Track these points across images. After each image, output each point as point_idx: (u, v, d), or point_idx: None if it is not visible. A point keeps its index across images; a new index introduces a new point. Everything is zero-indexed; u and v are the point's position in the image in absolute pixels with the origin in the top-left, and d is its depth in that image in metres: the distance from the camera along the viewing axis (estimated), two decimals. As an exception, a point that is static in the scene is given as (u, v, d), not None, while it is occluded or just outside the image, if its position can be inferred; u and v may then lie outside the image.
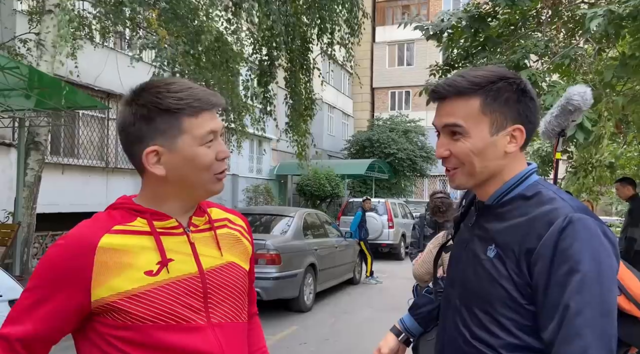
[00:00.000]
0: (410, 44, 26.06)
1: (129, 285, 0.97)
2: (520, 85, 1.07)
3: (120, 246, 0.99)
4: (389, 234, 12.96)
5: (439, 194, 4.12)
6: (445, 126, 1.07)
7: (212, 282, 1.06)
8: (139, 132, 1.01)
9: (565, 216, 0.97)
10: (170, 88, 1.01)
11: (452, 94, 1.06)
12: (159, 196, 1.06)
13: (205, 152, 1.03)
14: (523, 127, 1.06)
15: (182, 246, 1.05)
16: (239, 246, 1.17)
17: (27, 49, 7.20)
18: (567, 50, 4.95)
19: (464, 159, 1.07)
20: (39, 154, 6.58)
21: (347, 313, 7.07)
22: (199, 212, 1.11)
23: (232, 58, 8.95)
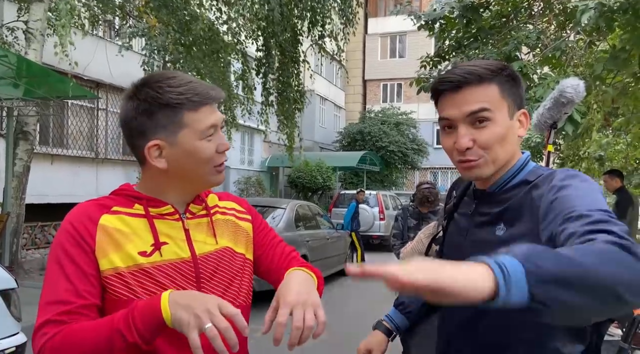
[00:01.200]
0: (403, 36, 26.02)
1: (124, 263, 1.01)
2: (514, 72, 1.10)
3: (118, 225, 1.03)
4: (380, 226, 13.02)
5: (426, 185, 4.15)
6: (471, 114, 1.04)
7: (204, 267, 1.08)
8: (141, 126, 1.04)
9: (564, 172, 1.02)
10: (171, 83, 1.03)
11: (474, 80, 1.04)
12: (159, 186, 1.09)
13: (205, 145, 1.05)
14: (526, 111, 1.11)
15: (176, 231, 1.08)
16: (236, 230, 1.19)
17: (15, 37, 7.10)
18: (558, 43, 4.98)
19: (490, 146, 1.05)
20: (27, 144, 6.51)
21: (339, 304, 7.11)
22: (197, 201, 1.14)
23: (222, 48, 8.88)
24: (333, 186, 17.75)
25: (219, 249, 1.12)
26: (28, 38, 6.20)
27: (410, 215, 4.38)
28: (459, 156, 1.07)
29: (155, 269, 1.02)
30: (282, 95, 10.08)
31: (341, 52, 10.57)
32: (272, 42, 9.26)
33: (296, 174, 16.71)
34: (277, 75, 10.00)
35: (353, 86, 27.09)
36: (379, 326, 1.44)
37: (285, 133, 10.44)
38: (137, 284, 1.00)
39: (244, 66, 9.86)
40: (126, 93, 1.07)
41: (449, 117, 1.07)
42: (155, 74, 1.12)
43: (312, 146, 20.64)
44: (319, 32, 9.82)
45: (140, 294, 1.00)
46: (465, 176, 1.11)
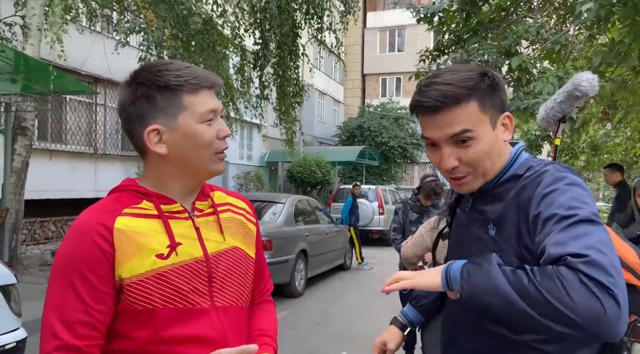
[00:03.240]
0: (402, 30, 25.94)
1: (142, 268, 0.99)
2: (493, 76, 1.07)
3: (134, 228, 1.01)
4: (380, 221, 13.03)
5: (431, 177, 4.13)
6: (453, 136, 1.03)
7: (216, 266, 1.08)
8: (139, 111, 1.02)
9: (552, 175, 1.01)
10: (169, 67, 1.03)
11: (450, 103, 1.02)
12: (161, 177, 1.07)
13: (205, 129, 1.03)
14: (509, 112, 1.10)
15: (188, 230, 1.06)
16: (243, 230, 1.18)
17: (12, 32, 7.06)
18: (558, 37, 4.96)
19: (477, 163, 1.05)
20: (26, 139, 6.49)
21: (338, 298, 7.14)
22: (202, 196, 1.12)
23: (219, 42, 8.85)
24: (332, 181, 17.75)
25: (229, 249, 1.11)
26: (25, 33, 6.18)
27: (411, 208, 4.35)
28: (448, 174, 1.08)
29: (172, 271, 1.01)
30: (281, 89, 10.06)
31: (340, 45, 10.52)
32: (270, 36, 9.22)
33: (295, 169, 16.70)
34: (275, 69, 9.97)
35: (352, 81, 27.04)
36: (394, 321, 1.47)
37: (285, 128, 10.41)
38: (156, 291, 0.99)
39: (242, 60, 9.82)
40: (124, 81, 1.05)
41: (430, 137, 1.06)
42: (152, 61, 1.13)
43: (311, 140, 20.62)
44: (317, 24, 9.77)
45: (158, 302, 0.98)
46: (458, 191, 1.12)
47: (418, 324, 1.47)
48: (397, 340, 1.40)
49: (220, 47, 9.02)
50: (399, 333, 1.42)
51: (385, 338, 1.40)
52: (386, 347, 1.38)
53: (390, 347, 1.38)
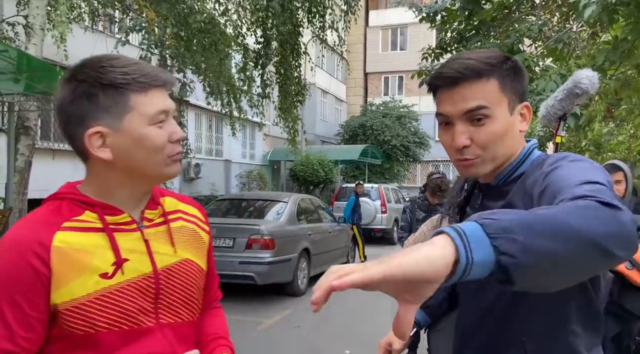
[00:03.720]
0: (404, 29, 25.90)
1: (84, 290, 0.89)
2: (517, 64, 1.06)
3: (74, 244, 0.91)
4: (382, 219, 13.03)
5: (437, 175, 4.13)
6: (467, 112, 0.99)
7: (165, 282, 1.00)
8: (79, 110, 0.92)
9: (553, 156, 0.98)
10: (115, 63, 0.93)
11: (471, 76, 0.98)
12: (106, 184, 0.97)
13: (156, 132, 0.94)
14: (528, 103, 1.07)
15: (136, 243, 0.97)
16: (195, 239, 1.09)
17: (15, 32, 7.08)
18: (561, 35, 4.95)
19: (488, 145, 1.01)
20: (29, 139, 6.51)
21: (341, 297, 7.11)
22: (152, 204, 1.03)
23: (221, 40, 8.84)
24: (335, 180, 17.75)
25: (179, 262, 1.03)
26: (28, 33, 6.19)
27: (419, 207, 4.35)
28: (457, 154, 1.04)
29: (117, 292, 0.92)
30: (283, 88, 10.05)
31: (343, 43, 10.50)
32: (272, 34, 9.21)
33: (298, 168, 16.71)
34: (277, 68, 9.97)
35: (354, 79, 27.02)
36: None
37: (287, 126, 10.41)
38: (99, 314, 0.90)
39: (243, 59, 9.82)
40: (63, 77, 0.95)
41: (445, 113, 1.03)
42: (96, 55, 0.98)
43: (313, 139, 20.62)
44: (319, 23, 9.76)
45: (101, 326, 0.90)
46: (463, 174, 1.08)
47: (424, 325, 1.46)
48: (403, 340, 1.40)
49: (223, 46, 9.01)
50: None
51: (391, 338, 1.38)
52: (391, 347, 1.38)
53: (396, 347, 1.37)
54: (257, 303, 6.52)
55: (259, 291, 6.82)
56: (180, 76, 9.08)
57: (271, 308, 6.31)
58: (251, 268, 6.34)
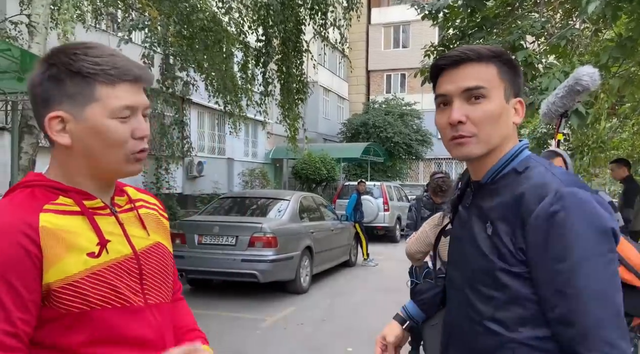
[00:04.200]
0: (406, 26, 25.85)
1: (75, 268, 0.91)
2: (514, 61, 1.12)
3: (59, 225, 0.92)
4: (385, 217, 13.03)
5: (439, 174, 4.12)
6: (466, 90, 1.06)
7: (145, 263, 1.03)
8: (45, 93, 0.93)
9: (555, 192, 0.97)
10: (89, 52, 0.94)
11: (473, 58, 1.06)
12: (68, 170, 0.98)
13: (116, 126, 0.94)
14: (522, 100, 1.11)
15: (113, 227, 1.00)
16: (159, 224, 1.14)
17: (18, 31, 7.10)
18: (564, 32, 4.93)
19: (483, 123, 1.05)
20: (32, 137, 6.52)
21: (343, 295, 7.15)
22: (118, 192, 1.06)
23: (225, 38, 8.84)
24: (337, 178, 17.76)
25: (153, 244, 1.07)
26: (31, 32, 6.21)
27: (424, 206, 4.36)
28: (452, 132, 1.08)
29: (106, 270, 0.94)
30: (284, 86, 10.04)
31: (345, 40, 10.47)
32: (273, 32, 9.20)
33: (300, 166, 16.72)
34: (279, 66, 9.96)
35: (356, 77, 26.99)
36: (396, 316, 1.48)
37: (288, 124, 10.40)
38: (91, 291, 0.91)
39: (245, 57, 9.81)
40: (39, 59, 0.98)
41: (445, 92, 1.09)
42: (76, 42, 1.01)
43: (315, 137, 20.62)
44: (321, 20, 9.74)
45: (95, 302, 0.91)
46: (455, 154, 1.10)
47: (419, 320, 1.47)
48: (396, 333, 1.42)
49: (227, 44, 9.00)
50: (398, 327, 1.43)
51: (385, 332, 1.42)
52: (386, 341, 1.40)
53: (389, 340, 1.40)
54: (259, 301, 6.53)
55: (261, 288, 6.84)
56: (183, 75, 9.09)
57: (274, 305, 6.32)
58: (254, 265, 6.35)
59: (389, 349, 1.39)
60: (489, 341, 1.05)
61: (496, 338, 1.03)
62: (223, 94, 9.48)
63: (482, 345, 1.06)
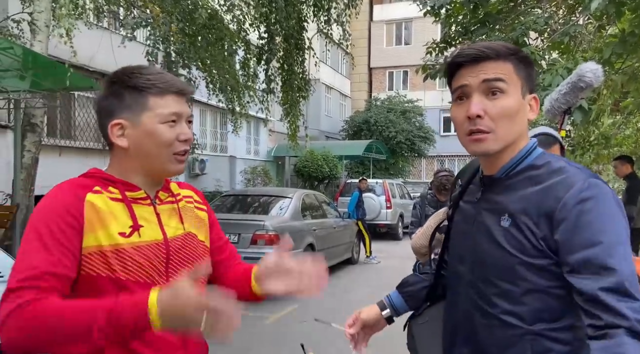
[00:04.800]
0: (408, 23, 25.78)
1: (105, 241, 1.06)
2: (528, 57, 1.12)
3: (101, 205, 1.09)
4: (387, 215, 13.02)
5: (443, 172, 4.12)
6: (485, 81, 1.06)
7: (174, 249, 1.17)
8: (109, 106, 1.14)
9: (584, 180, 1.00)
10: (143, 71, 1.15)
11: (492, 55, 1.07)
12: (124, 169, 1.16)
13: (165, 129, 1.13)
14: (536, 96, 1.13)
15: (149, 215, 1.16)
16: (195, 217, 1.28)
17: (20, 29, 7.10)
18: (567, 28, 4.90)
19: (500, 119, 1.06)
20: (35, 135, 6.53)
21: (346, 292, 7.15)
22: (165, 188, 1.23)
23: (227, 36, 8.83)
24: (339, 175, 17.74)
25: (185, 234, 1.21)
26: (33, 30, 6.21)
27: (429, 203, 4.36)
28: (469, 126, 1.07)
29: (133, 249, 1.08)
30: (286, 83, 10.03)
31: (348, 36, 10.44)
32: (276, 29, 9.18)
33: (302, 164, 16.71)
34: (281, 63, 9.93)
35: (358, 74, 26.94)
36: (379, 302, 1.50)
37: (289, 122, 10.39)
38: (117, 263, 1.06)
39: (246, 54, 9.79)
40: (106, 78, 1.18)
41: (465, 83, 1.09)
42: (133, 65, 1.21)
43: (317, 135, 20.60)
44: (324, 17, 9.72)
45: (119, 273, 1.06)
46: (473, 150, 1.09)
47: (400, 311, 1.46)
48: (371, 314, 1.44)
49: (229, 42, 8.99)
50: (376, 310, 1.45)
51: (362, 309, 1.46)
52: (359, 315, 1.44)
53: (361, 316, 1.43)
54: (262, 298, 6.53)
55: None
56: (185, 72, 9.09)
57: (277, 303, 6.33)
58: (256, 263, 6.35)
59: (356, 324, 1.43)
60: (505, 333, 1.04)
61: (513, 331, 1.03)
62: (225, 92, 9.47)
63: (497, 338, 1.06)
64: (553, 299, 1.00)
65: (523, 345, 1.02)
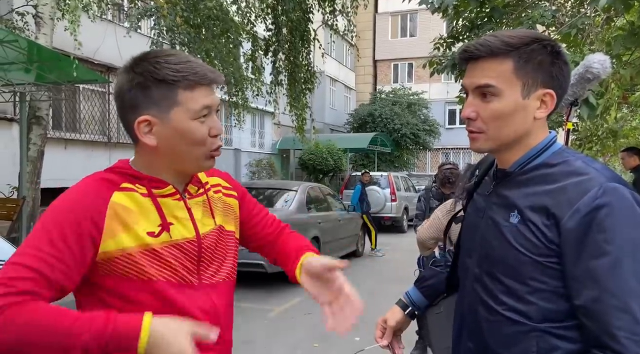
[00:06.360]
0: (414, 15, 25.59)
1: (133, 243, 1.00)
2: (555, 47, 1.04)
3: (128, 204, 1.02)
4: (392, 208, 13.01)
5: (448, 165, 4.10)
6: (478, 87, 1.05)
7: (206, 246, 1.11)
8: (134, 100, 1.02)
9: (600, 186, 0.95)
10: (169, 59, 1.02)
11: (485, 54, 1.03)
12: (152, 165, 1.08)
13: (197, 126, 1.03)
14: (554, 92, 1.04)
15: (180, 211, 1.08)
16: (225, 207, 1.21)
17: (25, 22, 7.10)
18: (574, 20, 4.84)
19: (492, 122, 1.04)
20: (41, 128, 6.56)
21: (351, 284, 7.16)
22: (195, 181, 1.15)
23: (232, 28, 8.80)
24: (344, 168, 17.73)
25: (216, 228, 1.15)
26: (38, 23, 6.21)
27: (434, 196, 4.36)
28: (466, 125, 1.10)
29: (163, 249, 1.03)
30: (292, 75, 9.99)
31: (353, 26, 10.38)
32: (282, 21, 9.14)
33: (307, 156, 16.70)
34: (286, 55, 9.90)
35: (363, 67, 26.82)
36: (398, 301, 1.49)
37: (295, 114, 10.36)
38: (148, 264, 1.01)
39: (253, 47, 9.76)
40: (124, 65, 1.05)
41: (463, 85, 1.10)
42: (154, 50, 1.12)
43: (322, 128, 20.57)
44: (329, 7, 9.66)
45: (150, 273, 1.01)
46: (471, 146, 1.11)
47: (421, 306, 1.46)
48: (397, 318, 1.42)
49: (235, 35, 8.95)
50: (400, 312, 1.44)
51: (386, 316, 1.43)
52: (386, 324, 1.41)
53: (390, 324, 1.41)
54: (267, 291, 6.57)
55: (268, 279, 6.87)
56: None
57: (281, 295, 6.36)
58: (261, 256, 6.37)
59: (387, 333, 1.40)
60: (510, 330, 1.03)
61: (518, 327, 1.02)
62: (229, 84, 9.46)
63: (501, 334, 1.04)
64: (562, 299, 0.98)
65: (528, 342, 1.00)
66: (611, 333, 0.91)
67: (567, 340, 0.98)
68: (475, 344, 1.11)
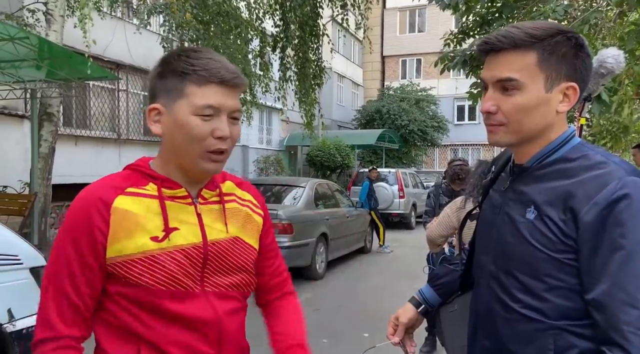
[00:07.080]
0: (422, 10, 25.41)
1: (129, 249, 1.00)
2: (579, 40, 1.01)
3: (131, 208, 1.02)
4: (400, 204, 12.99)
5: (458, 162, 4.08)
6: (499, 81, 1.01)
7: (213, 253, 1.08)
8: (153, 89, 1.07)
9: (620, 179, 0.93)
10: (191, 54, 1.04)
11: (508, 46, 1.00)
12: (165, 161, 1.09)
13: (196, 122, 1.01)
14: (577, 85, 1.02)
15: (188, 215, 1.07)
16: (247, 221, 1.17)
17: (36, 19, 7.15)
18: (587, 15, 4.78)
19: (513, 117, 1.02)
20: (52, 125, 6.61)
21: (359, 281, 7.17)
22: (211, 186, 1.12)
23: (242, 24, 8.79)
24: (352, 165, 17.70)
25: (230, 238, 1.11)
26: (48, 19, 6.25)
27: (443, 192, 4.35)
28: (485, 118, 1.07)
29: (164, 255, 1.02)
30: (301, 71, 9.97)
31: (365, 20, 10.32)
32: (291, 16, 9.12)
33: (315, 153, 16.69)
34: (295, 51, 9.88)
35: (371, 63, 26.70)
36: (411, 299, 1.47)
37: (304, 110, 10.34)
38: (145, 271, 1.00)
39: (261, 43, 9.75)
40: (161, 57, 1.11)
41: (482, 78, 1.07)
42: (188, 47, 1.17)
43: (330, 124, 20.53)
44: (340, 2, 9.63)
45: (147, 281, 1.00)
46: (488, 140, 1.09)
47: (435, 304, 1.45)
48: (410, 315, 1.41)
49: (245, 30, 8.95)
50: (412, 310, 1.43)
51: (399, 313, 1.42)
52: (398, 321, 1.41)
53: (402, 321, 1.40)
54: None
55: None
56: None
57: (290, 291, 6.37)
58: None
59: (399, 330, 1.40)
60: (527, 327, 1.02)
61: (535, 325, 1.00)
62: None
63: (518, 331, 1.03)
64: (579, 296, 0.97)
65: (545, 340, 0.99)
66: (618, 327, 0.90)
67: (584, 338, 0.97)
68: (491, 343, 1.10)
